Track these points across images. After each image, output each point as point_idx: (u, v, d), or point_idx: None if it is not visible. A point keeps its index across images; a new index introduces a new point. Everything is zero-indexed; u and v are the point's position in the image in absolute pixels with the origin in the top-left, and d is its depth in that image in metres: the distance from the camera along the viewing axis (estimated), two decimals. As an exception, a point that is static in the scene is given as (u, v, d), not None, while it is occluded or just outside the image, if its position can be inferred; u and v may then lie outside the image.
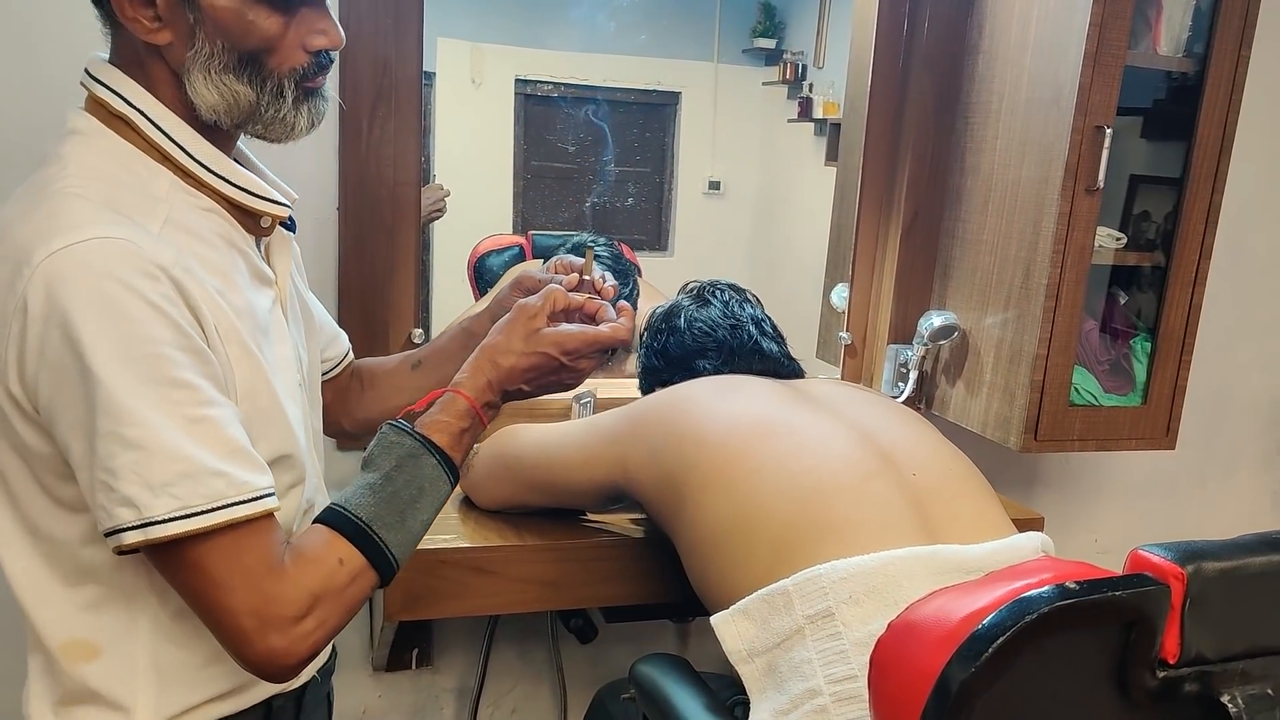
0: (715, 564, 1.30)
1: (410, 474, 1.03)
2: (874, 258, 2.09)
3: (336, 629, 0.97)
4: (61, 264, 0.87)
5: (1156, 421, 1.92)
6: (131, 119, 0.98)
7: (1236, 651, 0.89)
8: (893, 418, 1.42)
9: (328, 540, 0.98)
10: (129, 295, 0.88)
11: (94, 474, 0.88)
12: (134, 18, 0.96)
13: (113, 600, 0.99)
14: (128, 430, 0.87)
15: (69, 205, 0.91)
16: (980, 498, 1.33)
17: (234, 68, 0.98)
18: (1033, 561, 1.01)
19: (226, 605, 0.91)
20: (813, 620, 1.16)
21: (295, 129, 1.04)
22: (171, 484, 0.88)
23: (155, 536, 0.88)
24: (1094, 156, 1.70)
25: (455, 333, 1.39)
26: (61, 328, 0.87)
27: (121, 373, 0.87)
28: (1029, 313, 1.79)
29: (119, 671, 1.00)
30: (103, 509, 0.89)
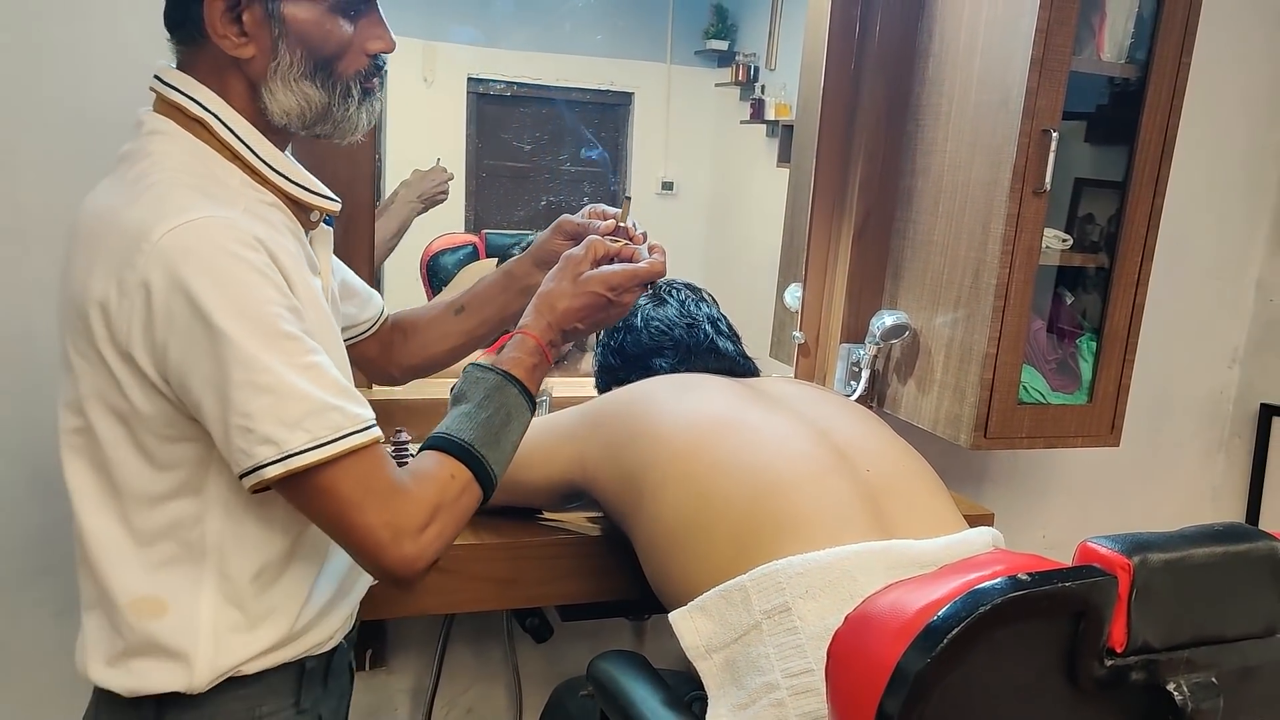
0: (673, 561, 1.32)
1: (498, 403, 1.16)
2: (826, 258, 2.12)
3: (453, 537, 1.09)
4: (177, 240, 0.97)
5: (1102, 419, 1.96)
6: (208, 122, 1.08)
7: (1181, 640, 0.91)
8: (847, 415, 1.44)
9: (439, 460, 1.10)
10: (237, 263, 0.98)
11: (229, 421, 0.98)
12: (224, 35, 1.06)
13: (182, 561, 1.08)
14: (259, 377, 0.97)
15: (173, 192, 1.01)
16: (933, 494, 1.35)
17: (310, 74, 1.09)
18: (985, 554, 1.03)
19: (361, 521, 1.02)
20: (770, 615, 1.17)
21: (358, 128, 1.16)
22: (301, 420, 0.99)
23: (294, 466, 0.99)
24: (1041, 159, 1.73)
25: (496, 276, 1.46)
26: (185, 296, 0.96)
27: (244, 329, 0.97)
28: (978, 312, 1.82)
29: (183, 626, 1.07)
30: (241, 451, 0.99)
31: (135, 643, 1.07)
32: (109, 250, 0.99)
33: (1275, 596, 0.94)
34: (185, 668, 1.07)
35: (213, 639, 1.08)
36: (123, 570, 1.07)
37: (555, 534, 1.58)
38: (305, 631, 1.15)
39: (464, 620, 1.95)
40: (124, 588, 1.07)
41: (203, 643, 1.08)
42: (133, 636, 1.07)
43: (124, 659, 1.08)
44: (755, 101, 3.89)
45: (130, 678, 1.08)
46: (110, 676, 1.09)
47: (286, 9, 1.07)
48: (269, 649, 1.12)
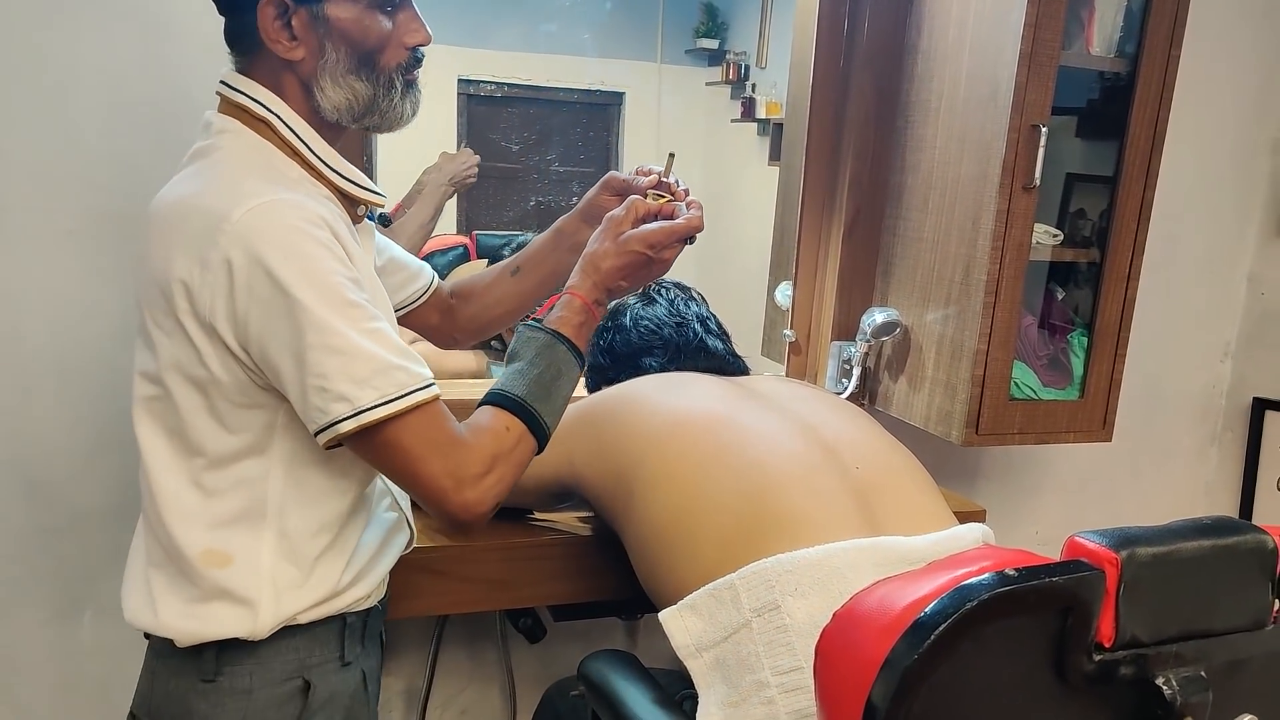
0: (663, 560, 1.31)
1: (549, 359, 1.23)
2: (817, 256, 2.12)
3: (510, 484, 1.16)
4: (253, 220, 1.06)
5: (1093, 415, 1.96)
6: (271, 122, 1.17)
7: (1170, 634, 0.91)
8: (836, 413, 1.44)
9: (495, 413, 1.18)
10: (306, 238, 1.07)
11: (306, 382, 1.07)
12: (276, 40, 1.15)
13: (245, 517, 1.17)
14: (331, 340, 1.06)
15: (246, 179, 1.11)
16: (922, 491, 1.35)
17: (354, 69, 1.18)
18: (973, 550, 1.03)
19: (426, 471, 1.10)
20: (759, 613, 1.17)
21: (403, 118, 1.24)
22: (370, 378, 1.08)
23: (366, 421, 1.07)
24: (1030, 154, 1.73)
25: (547, 235, 1.53)
26: (263, 269, 1.05)
27: (316, 296, 1.06)
28: (969, 309, 1.81)
29: (248, 576, 1.16)
30: (317, 409, 1.08)
31: (206, 590, 1.16)
32: (190, 232, 1.08)
33: (1263, 589, 0.94)
34: (251, 613, 1.16)
35: (273, 588, 1.17)
36: (191, 525, 1.16)
37: (546, 534, 1.58)
38: (349, 588, 1.24)
39: (457, 622, 1.94)
40: (193, 541, 1.15)
41: (265, 591, 1.17)
42: (205, 584, 1.16)
43: (195, 605, 1.17)
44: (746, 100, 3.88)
45: (200, 623, 1.16)
46: (182, 623, 1.17)
47: (329, 9, 1.15)
48: (318, 601, 1.20)
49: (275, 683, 1.20)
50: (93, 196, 1.62)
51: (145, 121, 1.63)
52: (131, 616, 1.21)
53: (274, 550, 1.18)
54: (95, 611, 1.76)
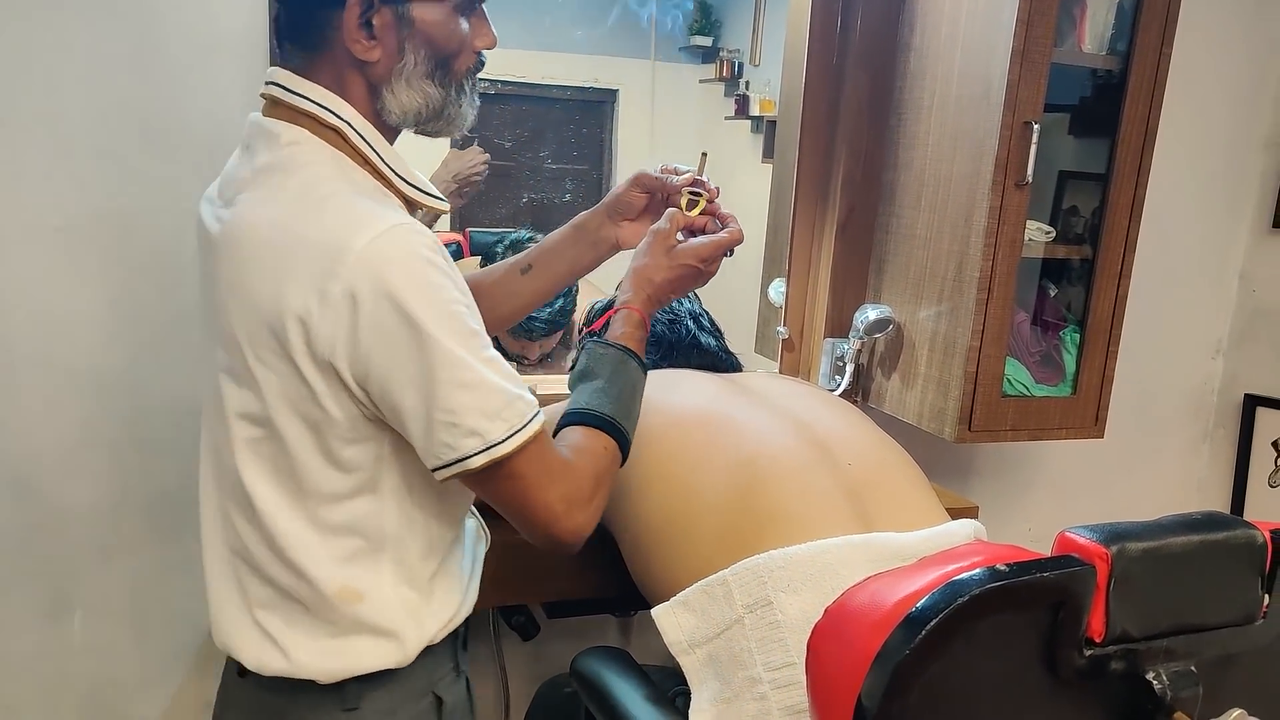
0: (656, 556, 1.32)
1: (625, 377, 1.25)
2: (810, 253, 2.12)
3: (605, 503, 1.17)
4: (379, 250, 1.01)
5: (1086, 411, 1.96)
6: (343, 130, 1.11)
7: (1160, 629, 0.92)
8: (829, 410, 1.44)
9: (592, 434, 1.19)
10: (431, 268, 1.04)
11: (432, 418, 1.04)
12: (356, 39, 1.09)
13: (365, 553, 1.14)
14: (461, 374, 1.04)
15: (355, 202, 1.06)
16: (914, 487, 1.36)
17: (429, 73, 1.14)
18: (964, 546, 1.03)
19: (542, 498, 1.10)
20: (751, 609, 1.18)
21: (465, 123, 1.21)
22: (500, 411, 1.06)
23: (497, 455, 1.06)
24: (1023, 151, 1.73)
25: (565, 231, 1.50)
26: (392, 302, 1.01)
27: (445, 330, 1.03)
28: (962, 305, 1.82)
29: (382, 608, 1.15)
30: (445, 445, 1.05)
31: (344, 625, 1.14)
32: (304, 264, 1.02)
33: (1253, 584, 0.95)
34: (397, 644, 1.15)
35: (410, 616, 1.16)
36: (321, 563, 1.13)
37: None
38: (464, 601, 1.24)
39: (450, 619, 1.94)
40: (327, 577, 1.13)
41: (403, 620, 1.16)
42: (342, 620, 1.14)
43: (335, 642, 1.14)
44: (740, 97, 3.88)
45: (344, 659, 1.15)
46: (324, 662, 1.15)
47: (415, 10, 1.11)
48: (446, 621, 1.20)
49: (413, 701, 1.20)
50: (81, 194, 1.62)
51: (133, 118, 1.63)
52: (258, 665, 1.16)
53: (394, 579, 1.16)
54: (84, 610, 1.75)
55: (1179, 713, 0.91)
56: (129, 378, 1.70)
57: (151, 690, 1.82)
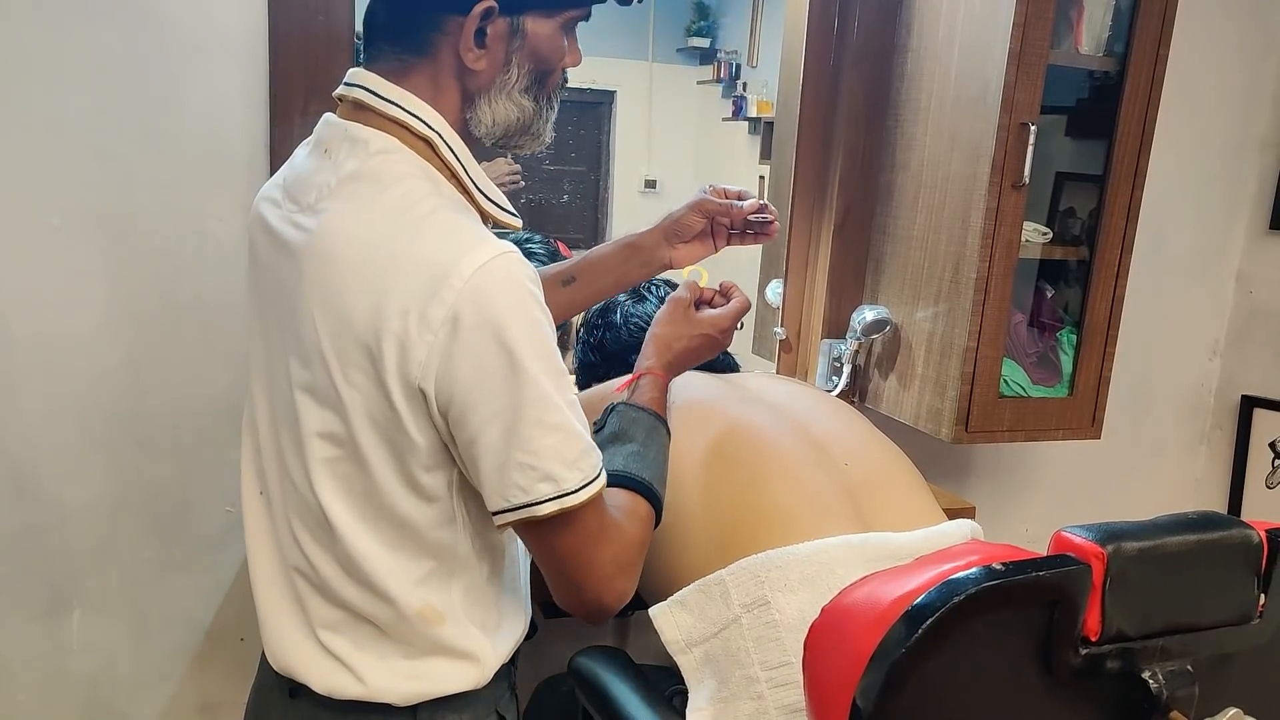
0: (654, 556, 1.31)
1: (657, 442, 1.24)
2: (807, 254, 2.12)
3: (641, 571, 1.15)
4: (488, 277, 0.97)
5: (1083, 412, 1.97)
6: (434, 142, 1.08)
7: (1156, 629, 0.92)
8: (826, 410, 1.44)
9: (635, 500, 1.15)
10: (533, 301, 1.01)
11: (510, 456, 1.01)
12: (469, 48, 1.06)
13: (437, 575, 1.11)
14: (549, 415, 1.01)
15: (459, 222, 1.03)
16: (911, 487, 1.36)
17: (528, 87, 1.12)
18: (960, 545, 1.04)
19: (596, 556, 1.07)
20: (749, 609, 1.18)
21: (545, 141, 1.19)
22: (578, 459, 1.03)
23: (568, 505, 1.03)
24: (1020, 153, 1.73)
25: (615, 249, 1.49)
26: (495, 332, 0.98)
27: (542, 367, 1.00)
28: (959, 306, 1.82)
29: (459, 630, 1.12)
30: (518, 487, 1.02)
31: (423, 646, 1.12)
32: (405, 283, 0.98)
33: (1249, 584, 0.95)
34: (476, 665, 1.13)
35: (486, 637, 1.14)
36: (400, 583, 1.10)
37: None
38: (528, 618, 1.24)
39: (447, 619, 1.94)
40: (406, 600, 1.10)
41: (480, 641, 1.14)
42: (420, 642, 1.12)
43: (412, 664, 1.12)
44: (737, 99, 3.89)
45: (423, 683, 1.12)
46: (402, 685, 1.12)
47: (529, 24, 1.09)
48: (518, 638, 1.20)
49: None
50: (79, 193, 1.62)
51: (131, 118, 1.63)
52: (329, 689, 1.12)
53: (466, 600, 1.13)
54: (83, 610, 1.75)
55: (1175, 712, 0.91)
56: (127, 377, 1.70)
57: (149, 690, 1.82)
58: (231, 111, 1.67)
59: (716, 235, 1.49)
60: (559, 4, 1.11)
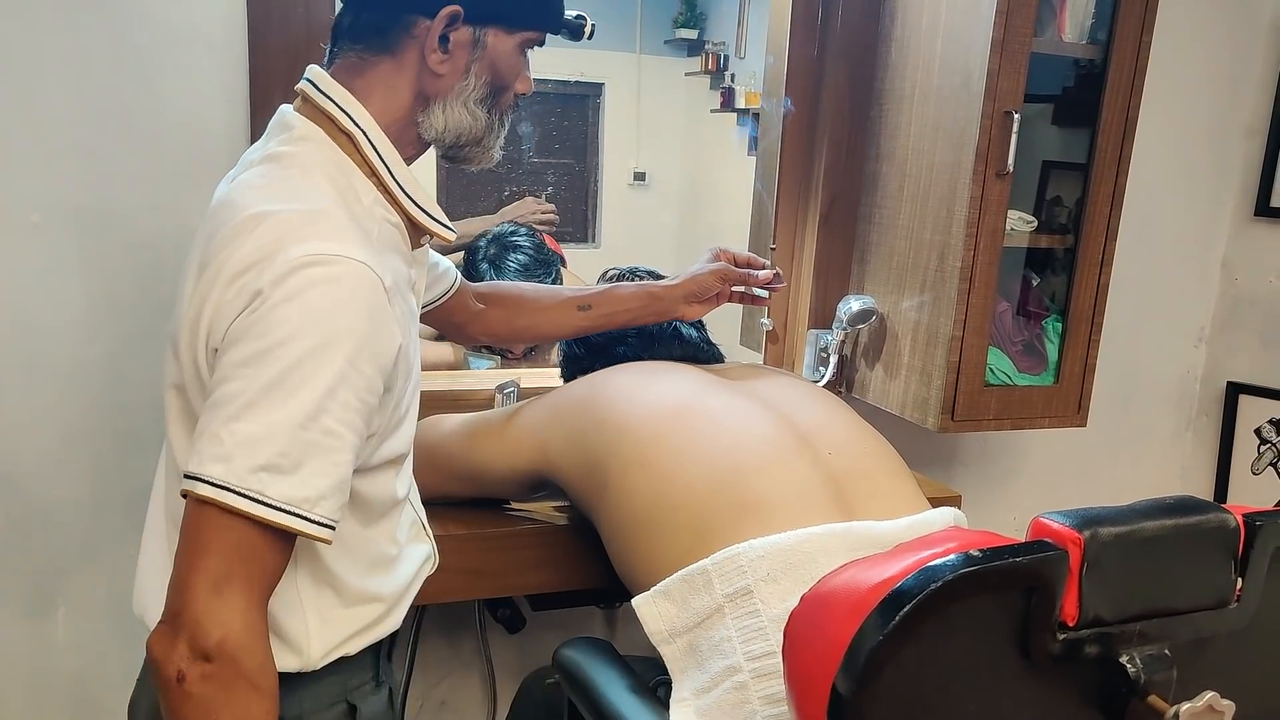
0: (637, 547, 1.32)
1: None
2: (793, 244, 2.12)
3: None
4: (309, 271, 0.99)
5: (1068, 400, 1.97)
6: (356, 138, 1.12)
7: (1133, 613, 0.92)
8: (810, 400, 1.45)
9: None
10: (350, 312, 1.01)
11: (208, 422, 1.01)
12: (433, 49, 1.13)
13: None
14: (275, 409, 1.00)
15: (325, 217, 1.04)
16: (895, 476, 1.36)
17: (483, 99, 1.18)
18: (939, 532, 1.04)
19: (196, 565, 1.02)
20: (732, 599, 1.18)
21: (492, 159, 1.25)
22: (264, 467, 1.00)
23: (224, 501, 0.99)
24: (1003, 141, 1.73)
25: (638, 291, 1.59)
26: (282, 322, 0.98)
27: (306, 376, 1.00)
28: (944, 295, 1.82)
29: (291, 608, 1.11)
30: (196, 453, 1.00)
31: None
32: (242, 252, 1.01)
33: (1226, 568, 0.95)
34: (298, 649, 1.12)
35: (319, 619, 1.13)
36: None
37: (522, 524, 1.58)
38: (388, 618, 1.22)
39: (435, 612, 1.95)
40: None
41: (319, 624, 1.13)
42: None
43: None
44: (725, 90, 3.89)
45: None
46: None
47: (490, 35, 1.15)
48: (361, 630, 1.17)
49: (323, 709, 1.17)
50: (58, 189, 1.61)
51: (111, 113, 1.62)
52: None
53: (313, 579, 1.13)
54: (69, 607, 1.75)
55: (1153, 695, 0.92)
56: (109, 373, 1.69)
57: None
58: (212, 106, 1.67)
59: (721, 295, 1.63)
60: (519, 22, 1.18)
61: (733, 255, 1.63)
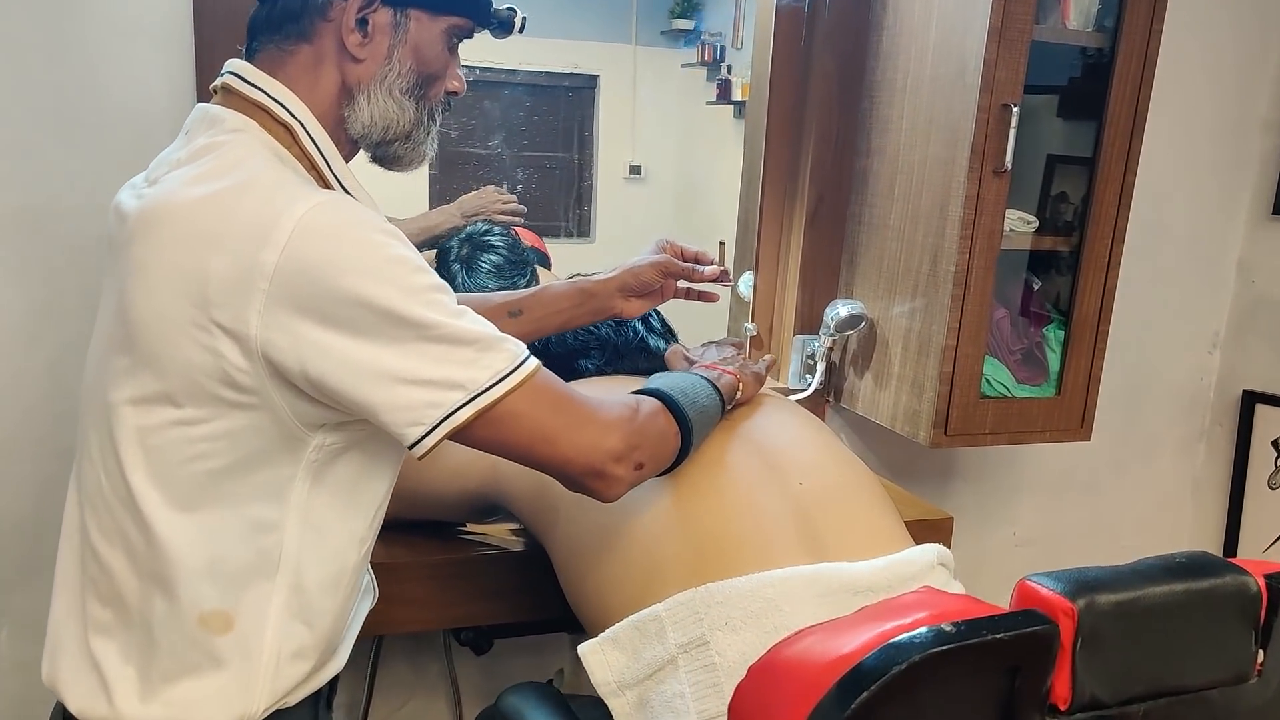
0: (588, 583, 1.18)
1: (709, 415, 1.23)
2: (779, 245, 1.99)
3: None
4: (316, 221, 0.92)
5: (1071, 412, 1.83)
6: (294, 129, 1.04)
7: (1137, 693, 0.78)
8: (782, 420, 1.30)
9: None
10: (369, 229, 0.96)
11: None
12: (350, 30, 1.04)
13: (251, 570, 1.01)
14: (429, 335, 0.96)
15: (292, 178, 0.97)
16: (871, 508, 1.21)
17: (410, 89, 1.09)
18: (911, 595, 0.89)
19: (555, 426, 1.03)
20: (686, 649, 1.04)
21: (423, 157, 1.15)
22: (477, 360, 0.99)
23: (486, 402, 0.97)
24: (1001, 136, 1.60)
25: (570, 289, 1.42)
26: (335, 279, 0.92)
27: (395, 294, 0.95)
28: (937, 301, 1.69)
29: (242, 653, 1.01)
30: (426, 406, 0.96)
31: (188, 662, 1.00)
32: (233, 231, 0.93)
33: (1244, 638, 0.81)
34: (244, 695, 1.00)
35: (273, 668, 1.02)
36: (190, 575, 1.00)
37: (476, 549, 1.44)
38: (337, 652, 1.11)
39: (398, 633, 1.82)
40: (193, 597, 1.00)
41: (265, 665, 1.01)
42: (190, 655, 1.00)
43: (168, 686, 1.00)
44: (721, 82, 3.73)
45: (175, 710, 0.99)
46: (149, 711, 1.00)
47: (412, 21, 1.08)
48: (311, 672, 1.06)
49: None
50: (-6, 189, 1.51)
51: (51, 108, 1.52)
52: (80, 707, 1.01)
53: (284, 609, 1.02)
54: (10, 628, 1.65)
55: (1159, 788, 0.77)
56: (49, 382, 1.59)
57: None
58: (155, 98, 1.57)
59: (665, 290, 1.46)
60: (442, 6, 1.09)
61: (680, 248, 1.46)
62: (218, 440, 0.96)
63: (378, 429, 0.97)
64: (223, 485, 0.98)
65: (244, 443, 0.97)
